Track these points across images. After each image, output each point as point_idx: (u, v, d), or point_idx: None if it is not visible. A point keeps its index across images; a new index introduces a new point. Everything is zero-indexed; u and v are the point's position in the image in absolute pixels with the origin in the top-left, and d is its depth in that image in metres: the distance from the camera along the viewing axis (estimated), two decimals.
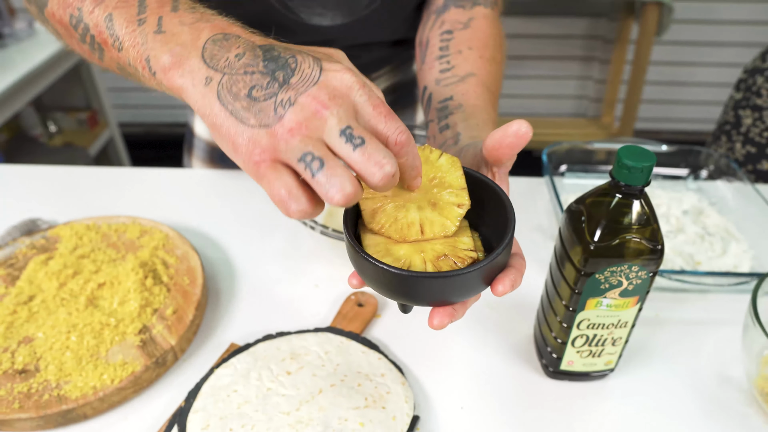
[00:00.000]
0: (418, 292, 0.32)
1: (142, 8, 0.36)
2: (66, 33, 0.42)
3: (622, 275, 0.44)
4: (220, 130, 0.31)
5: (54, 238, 0.66)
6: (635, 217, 0.43)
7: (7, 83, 1.43)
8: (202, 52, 0.32)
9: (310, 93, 0.29)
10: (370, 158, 0.28)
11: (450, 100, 0.51)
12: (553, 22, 2.32)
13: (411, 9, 0.68)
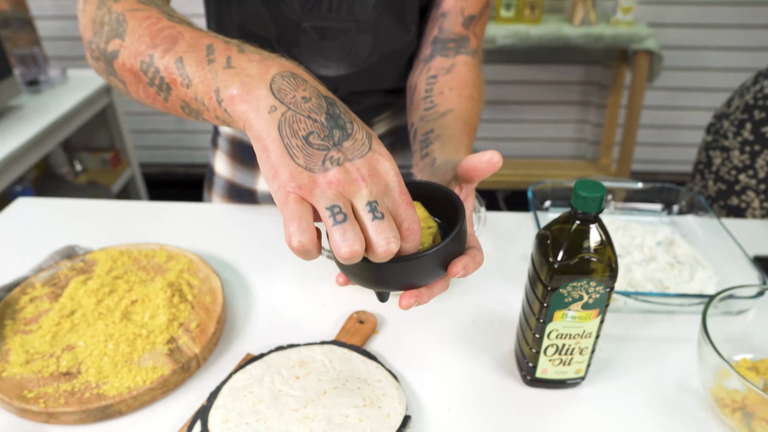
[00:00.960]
0: (386, 277, 0.39)
1: (210, 51, 0.42)
2: (134, 79, 0.48)
3: (583, 290, 0.52)
4: (269, 155, 0.36)
5: (91, 261, 0.75)
6: (592, 239, 0.50)
7: (41, 126, 1.55)
8: (270, 84, 0.38)
9: (356, 163, 0.36)
10: (383, 232, 0.35)
11: (431, 132, 0.60)
12: (552, 69, 2.45)
13: (405, 61, 0.78)
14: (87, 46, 0.54)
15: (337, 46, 0.74)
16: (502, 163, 0.45)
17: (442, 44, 0.75)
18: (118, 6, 0.50)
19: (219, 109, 0.40)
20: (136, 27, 0.47)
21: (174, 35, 0.45)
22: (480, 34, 0.77)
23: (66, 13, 2.43)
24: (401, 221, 0.37)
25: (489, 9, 0.77)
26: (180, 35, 0.45)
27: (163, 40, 0.45)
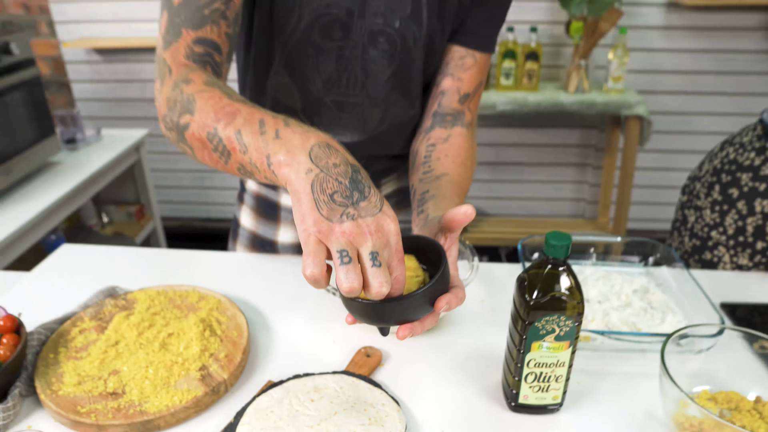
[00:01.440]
0: (385, 314, 0.50)
1: (261, 125, 0.54)
2: (201, 146, 0.60)
3: (555, 324, 0.61)
4: (301, 205, 0.47)
5: (132, 299, 0.86)
6: (561, 281, 0.61)
7: (77, 181, 1.70)
8: (309, 151, 0.49)
9: (367, 220, 0.46)
10: (378, 277, 0.45)
11: (427, 192, 0.72)
12: (550, 133, 2.61)
13: (410, 130, 0.91)
14: (162, 119, 0.66)
15: (352, 117, 0.87)
16: (475, 215, 0.56)
17: (441, 117, 0.88)
18: (188, 88, 0.63)
19: (268, 171, 0.52)
20: (203, 105, 0.59)
21: (233, 111, 0.57)
22: (474, 108, 0.90)
23: (100, 77, 2.65)
24: (392, 271, 0.48)
25: (482, 88, 0.91)
26: (238, 111, 0.57)
27: (225, 116, 0.57)
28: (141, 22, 2.53)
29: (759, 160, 0.99)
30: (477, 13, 0.83)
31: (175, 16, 0.69)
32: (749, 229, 1.00)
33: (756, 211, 0.99)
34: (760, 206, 0.98)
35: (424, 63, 0.85)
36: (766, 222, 0.98)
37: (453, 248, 0.60)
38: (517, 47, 2.26)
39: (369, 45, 0.80)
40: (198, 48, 0.68)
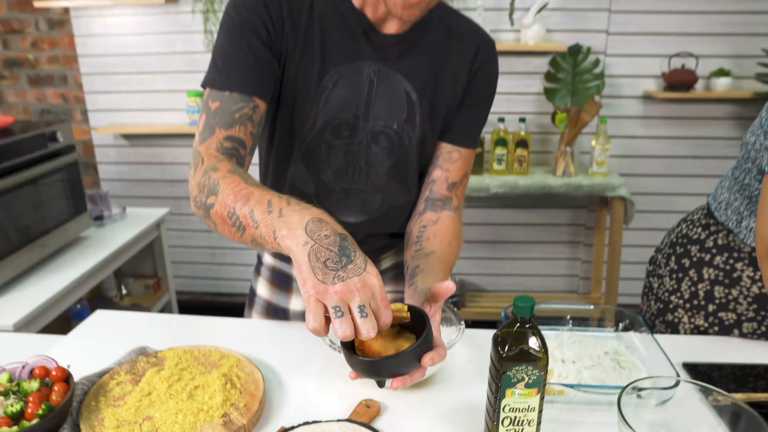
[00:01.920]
0: (379, 369, 0.63)
1: (269, 205, 0.69)
2: (222, 222, 0.75)
3: (524, 373, 0.73)
4: (301, 271, 0.61)
5: (162, 357, 0.98)
6: (528, 336, 0.73)
7: (103, 255, 1.84)
8: (305, 227, 0.63)
9: (353, 280, 0.60)
10: (365, 325, 0.59)
11: (417, 267, 0.86)
12: (543, 213, 2.78)
13: (407, 213, 1.07)
14: (193, 199, 0.82)
15: (357, 201, 1.02)
16: (455, 289, 0.71)
17: (432, 202, 1.03)
18: (215, 175, 0.79)
19: (274, 243, 0.67)
20: (225, 188, 0.76)
21: (248, 194, 0.73)
22: (460, 195, 1.06)
23: (125, 159, 2.87)
24: (380, 316, 0.62)
25: (467, 177, 1.07)
26: (252, 194, 0.73)
27: (242, 197, 0.73)
28: (164, 111, 2.79)
29: (704, 234, 1.14)
30: (462, 116, 1.01)
31: (211, 118, 0.86)
32: (701, 294, 1.13)
33: (704, 278, 1.12)
34: (707, 274, 1.12)
35: (418, 157, 1.02)
36: (713, 287, 1.11)
37: (437, 315, 0.74)
38: (508, 135, 2.48)
39: (372, 142, 0.97)
40: (227, 143, 0.85)
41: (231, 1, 0.88)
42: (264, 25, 0.86)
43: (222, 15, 0.89)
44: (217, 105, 0.86)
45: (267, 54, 0.87)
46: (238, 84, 0.85)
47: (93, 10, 2.66)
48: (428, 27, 0.93)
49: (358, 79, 0.92)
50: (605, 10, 2.49)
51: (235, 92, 0.85)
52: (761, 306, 1.09)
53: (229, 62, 0.86)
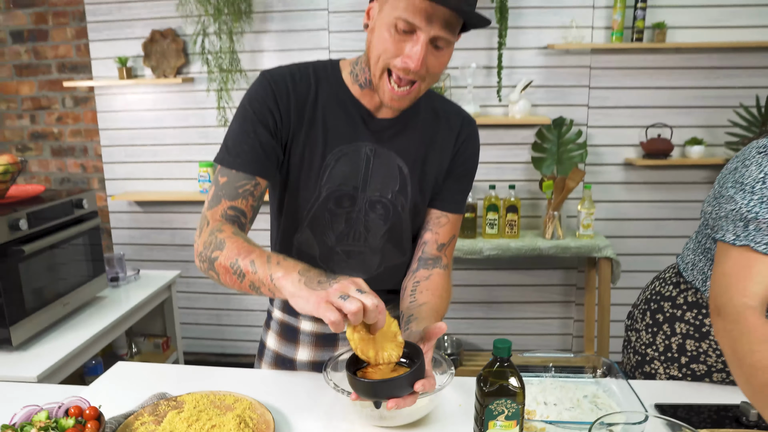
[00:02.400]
0: (378, 391, 0.74)
1: (268, 259, 0.86)
2: (225, 271, 0.91)
3: (503, 407, 0.84)
4: (300, 298, 0.77)
5: (181, 401, 1.07)
6: (506, 374, 0.84)
7: (117, 315, 1.95)
8: (298, 271, 0.81)
9: (343, 281, 0.77)
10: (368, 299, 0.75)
11: (411, 316, 0.99)
12: (535, 274, 2.90)
13: (401, 272, 1.19)
14: (198, 254, 0.98)
15: (357, 262, 1.15)
16: (446, 329, 0.84)
17: (424, 261, 1.16)
18: (221, 235, 0.95)
19: (271, 284, 0.83)
20: (230, 245, 0.92)
21: (249, 250, 0.90)
22: (449, 254, 1.19)
23: (138, 224, 3.03)
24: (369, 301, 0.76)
25: (455, 239, 1.21)
26: (252, 251, 0.90)
27: (244, 252, 0.90)
28: (177, 180, 2.97)
29: (675, 291, 1.26)
30: (449, 186, 1.16)
31: (219, 190, 1.02)
32: (674, 347, 1.24)
33: (677, 332, 1.23)
34: (679, 328, 1.23)
35: (411, 222, 1.16)
36: (685, 341, 1.22)
37: (429, 352, 0.86)
38: (499, 201, 2.65)
39: (369, 210, 1.12)
40: (230, 212, 1.02)
41: (246, 94, 1.05)
42: (272, 115, 1.03)
43: (238, 105, 1.06)
44: (224, 180, 1.02)
45: (271, 141, 1.03)
46: (244, 165, 1.02)
47: (115, 88, 2.90)
48: (418, 111, 1.10)
49: (357, 157, 1.08)
50: (585, 87, 2.73)
51: (241, 171, 1.02)
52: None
53: (238, 146, 1.03)
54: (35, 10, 2.87)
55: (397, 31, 0.91)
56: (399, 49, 0.92)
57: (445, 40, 0.92)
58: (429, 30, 0.90)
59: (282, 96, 1.03)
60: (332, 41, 2.76)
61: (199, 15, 2.68)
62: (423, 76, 0.95)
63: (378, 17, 0.94)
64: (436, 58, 0.94)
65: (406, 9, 0.88)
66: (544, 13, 2.66)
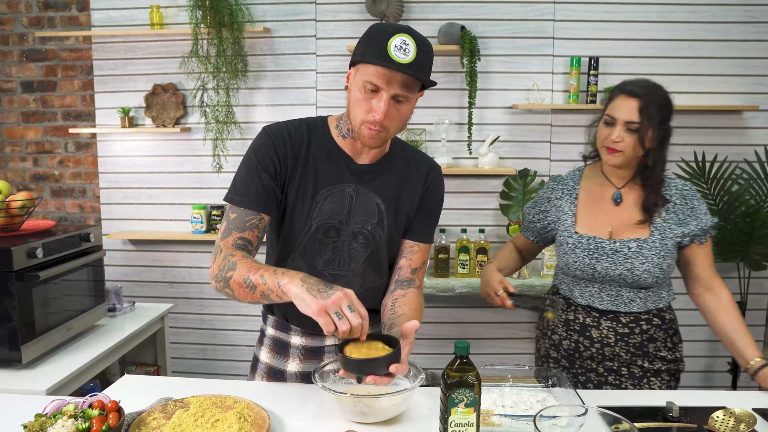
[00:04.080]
0: (361, 368, 0.94)
1: (275, 270, 1.08)
2: (238, 287, 1.11)
3: (463, 396, 1.03)
4: (304, 301, 0.98)
5: (187, 402, 1.23)
6: (466, 369, 1.04)
7: (111, 344, 2.08)
8: (301, 279, 1.02)
9: (338, 292, 0.99)
10: (354, 318, 0.97)
11: (392, 324, 1.19)
12: (505, 312, 3.10)
13: (380, 293, 1.39)
14: (213, 276, 1.19)
15: (342, 284, 1.35)
16: (419, 326, 1.04)
17: (400, 283, 1.37)
18: (233, 258, 1.16)
19: (279, 290, 1.04)
20: (241, 266, 1.13)
21: (258, 267, 1.11)
22: (421, 277, 1.40)
23: (130, 262, 3.17)
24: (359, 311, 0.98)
25: (426, 264, 1.42)
26: (260, 267, 1.11)
27: (254, 270, 1.10)
28: (170, 221, 3.15)
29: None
30: (419, 220, 1.38)
31: (230, 224, 1.24)
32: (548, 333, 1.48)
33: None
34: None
35: (387, 251, 1.37)
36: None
37: (407, 346, 1.07)
38: (470, 244, 2.88)
39: (352, 240, 1.33)
40: (239, 241, 1.23)
41: (251, 145, 1.29)
42: (273, 163, 1.26)
43: (245, 152, 1.29)
44: (234, 215, 1.25)
45: (272, 184, 1.26)
46: (250, 203, 1.24)
47: (117, 135, 3.11)
48: (392, 158, 1.34)
49: (342, 196, 1.30)
50: (547, 142, 3.03)
51: (248, 209, 1.24)
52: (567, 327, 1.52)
53: (245, 188, 1.25)
54: (46, 64, 3.11)
55: (366, 91, 1.16)
56: (369, 106, 1.17)
57: (404, 96, 1.17)
58: (389, 89, 1.15)
59: (281, 146, 1.27)
60: (319, 98, 3.04)
61: (200, 72, 2.95)
62: (387, 127, 1.19)
63: (353, 81, 1.20)
64: (398, 110, 1.19)
65: (371, 74, 1.14)
66: (510, 77, 2.99)
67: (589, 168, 1.67)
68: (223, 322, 3.19)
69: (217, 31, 2.83)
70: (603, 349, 1.56)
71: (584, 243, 1.55)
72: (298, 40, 3.00)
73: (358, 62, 1.17)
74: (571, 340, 1.61)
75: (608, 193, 1.59)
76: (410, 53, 1.12)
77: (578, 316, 1.60)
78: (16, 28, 3.10)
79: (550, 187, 1.69)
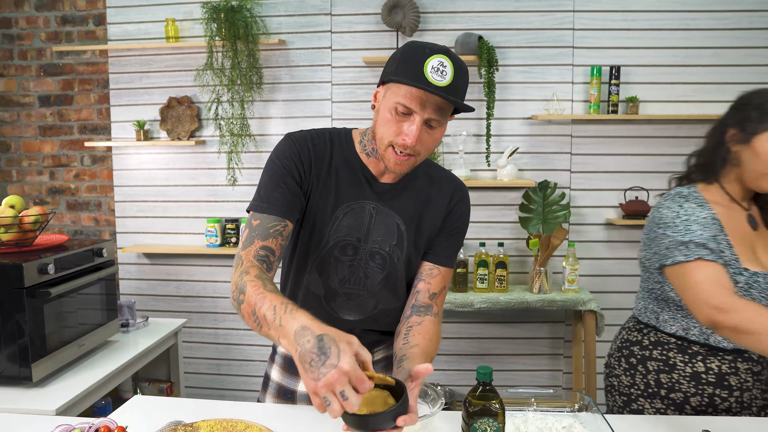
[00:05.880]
0: (365, 424, 0.86)
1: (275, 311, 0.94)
2: (248, 316, 1.01)
3: (486, 425, 0.97)
4: (299, 371, 0.85)
5: (197, 427, 1.19)
6: (489, 397, 0.98)
7: (126, 359, 2.05)
8: (294, 337, 0.86)
9: (331, 374, 0.79)
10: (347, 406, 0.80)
11: (404, 356, 1.12)
12: (525, 327, 3.02)
13: (395, 315, 1.33)
14: (231, 293, 1.09)
15: (356, 303, 1.30)
16: (432, 370, 0.97)
17: (417, 308, 1.28)
18: (246, 278, 1.06)
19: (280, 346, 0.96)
20: (250, 290, 1.02)
21: (262, 298, 0.98)
22: (440, 303, 1.31)
23: (144, 276, 3.16)
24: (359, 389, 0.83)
25: (446, 290, 1.33)
26: (265, 298, 0.98)
27: (259, 300, 0.98)
28: (184, 234, 3.13)
29: (639, 336, 1.43)
30: (441, 242, 1.31)
31: (252, 232, 1.16)
32: (652, 383, 1.38)
33: (650, 370, 1.38)
34: (651, 366, 1.38)
35: (405, 272, 1.30)
36: (659, 375, 1.37)
37: (416, 389, 0.98)
38: (489, 258, 2.81)
39: (369, 259, 1.27)
40: (261, 252, 1.14)
41: (273, 152, 1.23)
42: (297, 169, 1.20)
43: (267, 159, 1.23)
44: (257, 222, 1.17)
45: (297, 190, 1.20)
46: (274, 210, 1.17)
47: (132, 148, 3.11)
48: (415, 177, 1.28)
49: (362, 213, 1.25)
50: (567, 153, 2.96)
51: (272, 215, 1.17)
52: (697, 381, 1.35)
53: (269, 194, 1.19)
54: (63, 78, 3.13)
55: (397, 113, 1.10)
56: (399, 128, 1.11)
57: (437, 121, 1.11)
58: (423, 113, 1.08)
59: (305, 153, 1.21)
60: (335, 110, 3.01)
61: (215, 85, 2.94)
62: (418, 151, 1.13)
63: (383, 101, 1.13)
64: (430, 135, 1.13)
65: (404, 96, 1.07)
66: (528, 87, 2.93)
67: (702, 188, 1.37)
68: (237, 336, 3.16)
69: (232, 43, 2.82)
70: (742, 396, 1.35)
71: (761, 282, 1.29)
72: (313, 51, 2.98)
73: (389, 81, 1.11)
74: (703, 396, 1.36)
75: (739, 216, 1.34)
76: (447, 76, 1.06)
77: (710, 365, 1.34)
78: (35, 43, 3.13)
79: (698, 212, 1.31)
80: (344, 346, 0.83)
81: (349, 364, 0.81)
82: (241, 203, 3.08)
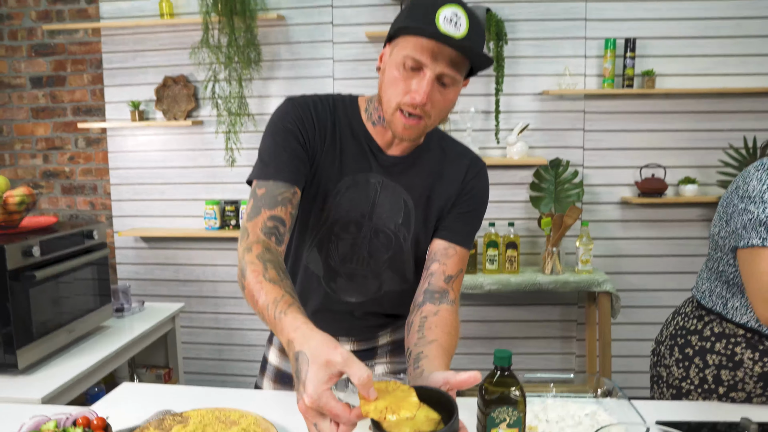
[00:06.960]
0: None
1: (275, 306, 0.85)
2: (252, 302, 0.90)
3: (505, 414, 0.86)
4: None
5: (187, 416, 1.09)
6: (507, 383, 0.87)
7: (120, 344, 1.96)
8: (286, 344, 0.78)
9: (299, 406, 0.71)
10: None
11: (421, 353, 0.97)
12: (536, 310, 2.92)
13: (400, 298, 1.21)
14: (238, 276, 0.98)
15: (358, 284, 1.18)
16: (480, 378, 0.83)
17: (431, 294, 1.13)
18: (247, 257, 0.95)
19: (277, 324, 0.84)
20: (249, 275, 0.92)
21: (260, 289, 0.89)
22: (456, 288, 1.16)
23: (142, 260, 3.07)
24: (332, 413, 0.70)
25: (462, 273, 1.18)
26: (262, 290, 0.88)
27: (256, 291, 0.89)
28: (182, 217, 3.04)
29: (700, 324, 1.28)
30: (456, 219, 1.16)
31: (257, 201, 1.03)
32: (710, 378, 1.25)
33: (710, 364, 1.25)
34: (711, 360, 1.25)
35: (413, 253, 1.18)
36: (719, 371, 1.24)
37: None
38: (499, 238, 2.70)
39: (373, 237, 1.15)
40: (270, 222, 1.02)
41: (273, 116, 1.11)
42: (301, 132, 1.08)
43: (266, 125, 1.11)
44: (263, 191, 1.04)
45: (304, 155, 1.08)
46: (281, 174, 1.05)
47: (127, 130, 3.01)
48: (427, 149, 1.16)
49: (367, 187, 1.13)
50: (580, 130, 2.83)
51: (279, 181, 1.04)
52: (766, 382, 1.21)
53: (274, 159, 1.06)
54: (55, 58, 3.02)
55: (405, 68, 0.98)
56: (407, 86, 0.99)
57: (451, 78, 0.98)
58: (435, 67, 0.96)
59: (307, 118, 1.09)
60: (337, 88, 2.89)
61: (211, 63, 2.82)
62: (429, 113, 1.01)
63: (389, 59, 1.01)
64: (442, 95, 1.00)
65: (413, 48, 0.95)
66: (539, 62, 2.80)
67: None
68: (238, 321, 3.07)
69: (229, 19, 2.70)
70: None
71: None
72: (314, 27, 2.85)
73: (397, 35, 0.99)
74: None
75: None
76: (462, 28, 0.94)
77: None
78: (25, 22, 3.01)
79: None
80: (314, 371, 0.72)
81: (311, 397, 0.70)
82: (241, 185, 2.98)
